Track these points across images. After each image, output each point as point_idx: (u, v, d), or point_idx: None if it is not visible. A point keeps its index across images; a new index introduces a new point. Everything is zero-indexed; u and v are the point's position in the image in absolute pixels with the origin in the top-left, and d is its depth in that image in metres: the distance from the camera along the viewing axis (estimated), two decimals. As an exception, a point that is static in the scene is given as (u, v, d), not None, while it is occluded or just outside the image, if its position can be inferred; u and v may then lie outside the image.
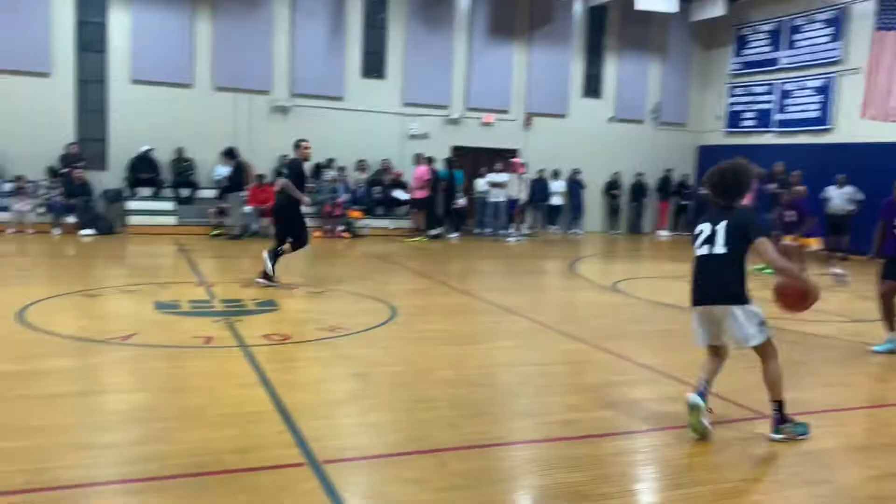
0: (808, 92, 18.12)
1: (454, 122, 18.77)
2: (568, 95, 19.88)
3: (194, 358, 5.83)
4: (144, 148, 15.74)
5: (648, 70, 20.68)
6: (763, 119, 19.37)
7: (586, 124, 19.98)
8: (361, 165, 17.48)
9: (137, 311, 7.62)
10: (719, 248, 4.35)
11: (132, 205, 15.43)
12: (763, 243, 4.30)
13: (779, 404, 4.42)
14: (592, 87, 20.33)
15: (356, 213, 16.41)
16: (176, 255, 12.21)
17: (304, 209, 9.53)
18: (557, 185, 19.31)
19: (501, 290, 10.26)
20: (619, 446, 4.33)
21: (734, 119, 20.26)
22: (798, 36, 18.34)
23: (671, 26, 20.39)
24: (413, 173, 16.97)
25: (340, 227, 16.02)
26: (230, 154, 15.57)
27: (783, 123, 18.77)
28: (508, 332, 7.48)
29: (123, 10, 15.82)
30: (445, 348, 6.54)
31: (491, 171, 17.83)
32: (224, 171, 15.85)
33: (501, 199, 17.72)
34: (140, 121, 15.87)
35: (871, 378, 6.35)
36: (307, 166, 10.77)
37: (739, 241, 4.32)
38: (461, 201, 17.75)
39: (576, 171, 19.70)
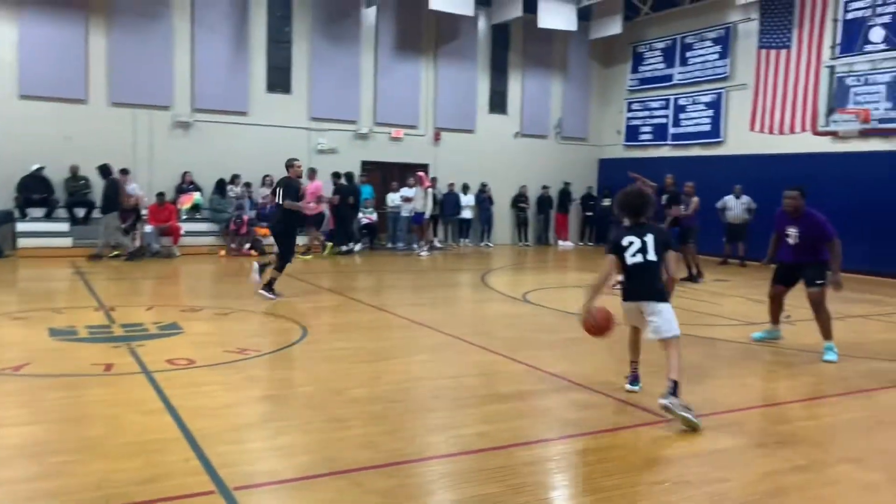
0: (700, 106, 19.08)
1: (363, 136, 18.73)
2: (475, 111, 20.20)
3: (94, 386, 5.56)
4: (35, 167, 14.92)
5: (551, 87, 21.28)
6: (659, 133, 20.25)
7: (493, 139, 20.36)
8: (268, 181, 17.14)
9: (30, 338, 7.20)
10: (651, 256, 5.31)
11: (23, 226, 14.60)
12: (672, 255, 5.47)
13: (676, 383, 5.03)
14: (498, 104, 20.74)
15: (263, 231, 16.07)
16: (72, 279, 11.62)
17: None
18: (467, 199, 19.55)
19: (414, 305, 10.28)
20: (533, 455, 4.41)
21: (632, 133, 21.10)
22: (690, 53, 19.31)
23: (572, 44, 21.08)
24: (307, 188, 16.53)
25: (247, 246, 15.66)
26: (104, 171, 14.51)
27: (678, 137, 19.68)
28: (422, 347, 7.49)
29: (9, 22, 15.01)
30: (359, 365, 6.48)
31: (403, 185, 17.89)
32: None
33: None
34: (30, 138, 15.04)
35: (763, 378, 6.70)
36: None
37: (663, 251, 5.37)
38: (372, 216, 17.72)
39: (484, 185, 20.00)
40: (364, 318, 9.01)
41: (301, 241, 16.50)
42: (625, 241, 5.37)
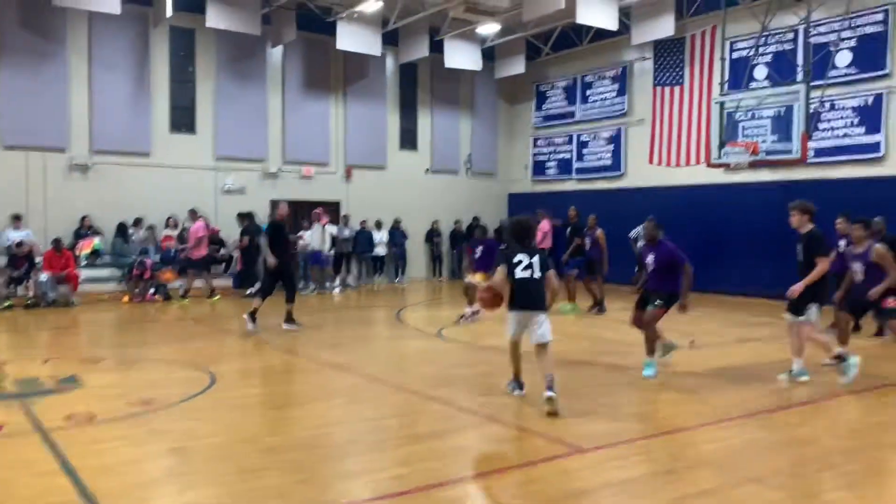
0: (601, 142, 19.83)
1: (272, 175, 18.49)
2: (386, 148, 20.32)
3: (-19, 450, 5.18)
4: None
5: (460, 123, 21.68)
6: (565, 167, 20.89)
7: (405, 175, 20.49)
8: (171, 223, 16.62)
9: None
10: (537, 273, 6.39)
11: None
12: (552, 273, 6.55)
13: (553, 377, 6.18)
14: (409, 140, 20.94)
15: (168, 275, 15.52)
16: (-43, 333, 10.86)
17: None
18: (381, 236, 19.52)
19: (328, 346, 10.12)
20: (450, 496, 4.38)
21: (539, 168, 21.68)
22: (590, 91, 20.10)
23: (478, 83, 21.59)
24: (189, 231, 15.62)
25: (151, 291, 15.05)
26: None
27: (582, 171, 20.35)
28: (337, 389, 7.37)
29: None
30: (271, 412, 6.31)
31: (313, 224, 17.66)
32: (15, 235, 14.40)
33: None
34: None
35: (669, 404, 6.91)
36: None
37: (546, 270, 6.46)
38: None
39: (398, 221, 20.04)
40: (276, 362, 8.80)
41: (225, 282, 16.12)
42: (515, 259, 6.42)
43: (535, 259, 6.42)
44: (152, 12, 16.48)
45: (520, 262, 6.39)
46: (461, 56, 19.35)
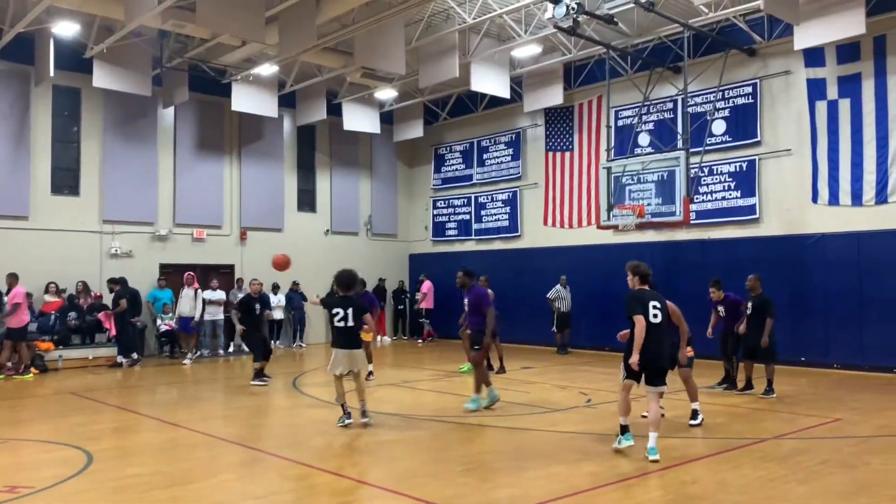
0: (498, 204, 20.29)
1: (162, 238, 17.80)
2: (283, 210, 20.01)
3: None
4: None
5: (360, 185, 21.70)
6: (464, 228, 21.21)
7: (304, 237, 20.20)
8: (52, 288, 15.64)
9: None
10: (351, 322, 8.27)
11: None
12: (368, 316, 8.37)
13: (364, 402, 8.51)
14: (307, 202, 20.73)
15: (46, 345, 14.51)
16: None
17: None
18: (277, 299, 19.02)
19: (217, 418, 9.65)
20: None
21: (439, 229, 21.91)
22: (486, 155, 20.64)
23: (377, 145, 21.79)
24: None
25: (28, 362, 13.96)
26: None
27: (480, 232, 20.71)
28: (226, 465, 6.98)
29: None
30: (154, 493, 5.88)
31: (206, 288, 17.06)
32: None
33: (219, 317, 16.99)
34: None
35: (569, 465, 6.90)
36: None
37: (360, 317, 8.29)
38: (171, 323, 16.71)
39: (296, 284, 19.62)
40: (160, 438, 8.27)
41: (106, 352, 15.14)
42: (334, 311, 8.27)
43: (350, 310, 8.21)
44: (34, 71, 15.80)
45: (336, 313, 8.23)
46: (359, 119, 19.51)
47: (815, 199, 14.23)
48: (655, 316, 6.93)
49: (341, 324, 8.27)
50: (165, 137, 18.08)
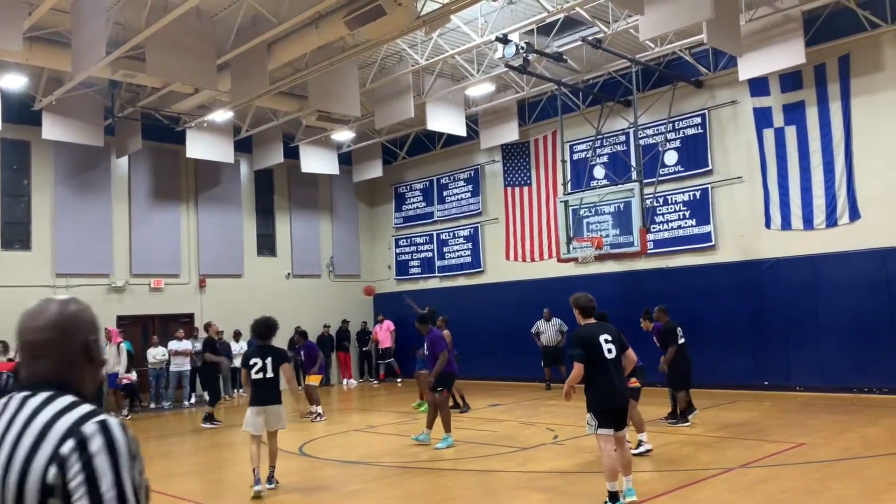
0: (460, 240, 20.33)
1: (118, 289, 17.43)
2: (242, 255, 19.77)
3: None
4: None
5: (320, 226, 21.58)
6: (427, 266, 21.17)
7: (265, 282, 19.95)
8: (2, 348, 15.13)
9: None
10: (270, 373, 7.56)
11: None
12: (287, 366, 7.71)
13: (273, 468, 7.82)
14: (267, 246, 20.54)
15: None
16: None
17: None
18: (239, 347, 18.68)
19: (175, 475, 9.35)
20: None
21: (402, 268, 21.85)
22: (446, 192, 20.72)
23: (337, 186, 21.74)
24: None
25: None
26: None
27: (443, 269, 20.69)
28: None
29: None
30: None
31: (172, 338, 16.71)
32: None
33: (185, 367, 16.62)
34: None
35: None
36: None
37: (278, 366, 7.63)
38: (131, 376, 16.28)
39: (270, 317, 19.28)
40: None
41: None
42: (251, 362, 7.62)
43: (268, 360, 7.56)
44: (-19, 124, 15.51)
45: (254, 364, 7.59)
46: (317, 161, 19.48)
47: (768, 224, 14.52)
48: (610, 351, 6.29)
49: (258, 375, 7.57)
50: (120, 187, 17.83)
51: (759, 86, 14.49)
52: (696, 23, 11.47)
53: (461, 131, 16.95)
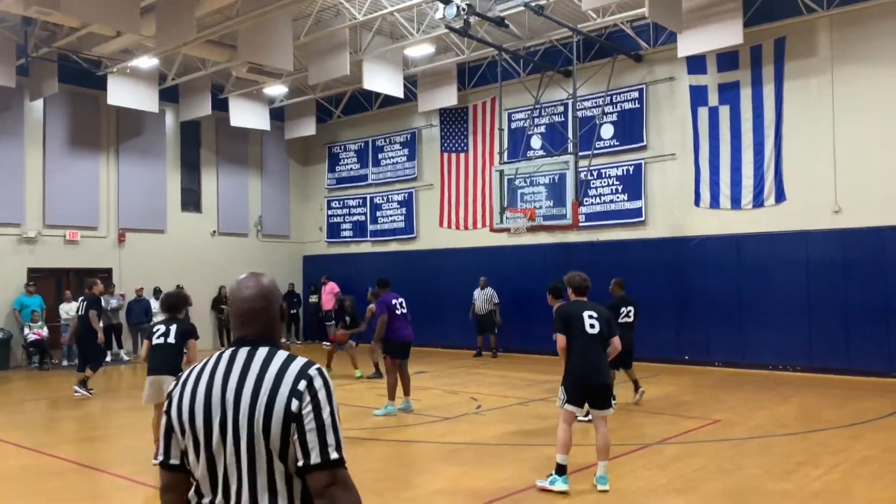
0: (394, 205, 20.00)
1: (30, 241, 16.51)
2: (166, 210, 18.98)
3: None
4: None
5: (249, 184, 20.89)
6: (359, 229, 20.79)
7: (188, 239, 19.25)
8: None
9: None
10: (172, 339, 7.14)
11: None
12: (193, 343, 7.20)
13: None
14: (192, 202, 19.78)
15: None
16: None
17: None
18: (157, 305, 18.02)
19: (87, 440, 8.90)
20: None
21: (334, 230, 21.41)
22: (381, 155, 20.29)
23: (267, 142, 21.02)
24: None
25: None
26: None
27: (376, 233, 20.36)
28: (94, 496, 6.36)
29: None
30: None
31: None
32: None
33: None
34: None
35: (456, 482, 6.71)
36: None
37: (183, 338, 7.15)
38: (42, 332, 15.53)
39: (179, 287, 18.63)
40: (13, 465, 7.50)
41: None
42: (154, 328, 7.33)
43: (173, 328, 7.17)
44: None
45: (157, 330, 7.24)
46: (248, 115, 18.73)
47: (697, 202, 14.70)
48: (592, 326, 6.19)
49: (159, 340, 7.14)
50: (33, 132, 16.77)
51: (696, 64, 14.54)
52: (638, -5, 11.35)
53: (398, 92, 16.53)
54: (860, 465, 6.84)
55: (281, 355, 2.08)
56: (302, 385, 2.00)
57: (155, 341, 7.18)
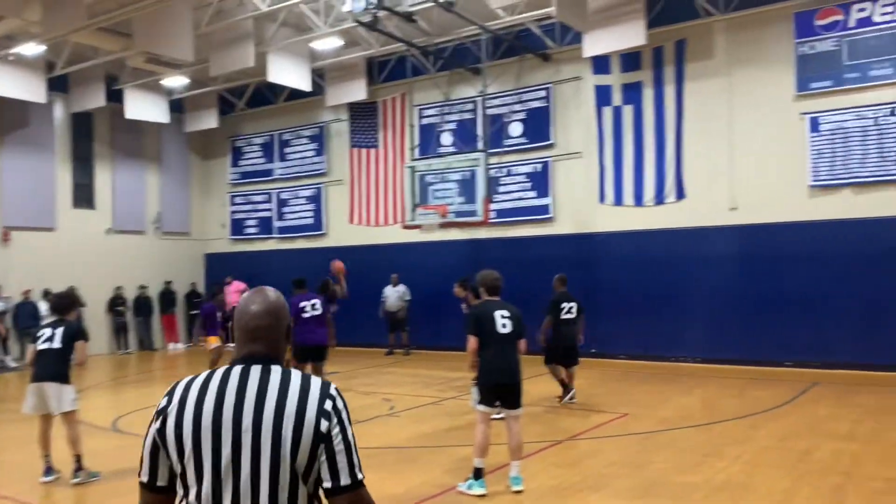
0: (302, 200, 19.54)
1: None
2: (55, 207, 17.85)
3: None
4: None
5: (146, 179, 19.95)
6: (265, 226, 20.21)
7: (81, 237, 18.19)
8: None
9: None
10: (57, 343, 6.63)
11: None
12: (80, 344, 6.75)
13: (79, 457, 6.74)
14: (85, 198, 18.70)
15: None
16: None
17: None
18: (46, 308, 16.93)
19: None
20: None
21: (238, 227, 20.73)
22: (288, 149, 19.77)
23: (166, 136, 20.12)
24: None
25: None
26: None
27: (283, 230, 19.85)
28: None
29: None
30: None
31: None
32: None
33: None
34: None
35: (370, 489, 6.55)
36: None
37: (70, 341, 6.68)
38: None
39: (72, 289, 17.58)
40: None
41: None
42: (39, 333, 6.80)
43: (59, 330, 6.69)
44: None
45: (42, 335, 6.74)
46: (145, 107, 17.85)
47: (602, 199, 15.04)
48: (504, 326, 6.17)
49: (44, 346, 6.65)
50: None
51: (601, 64, 14.85)
52: (547, -5, 11.46)
53: (306, 86, 16.12)
54: (760, 455, 7.13)
55: (296, 374, 2.05)
56: (328, 405, 2.00)
57: (40, 346, 6.68)
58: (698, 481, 6.32)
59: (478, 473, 6.08)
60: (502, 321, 6.21)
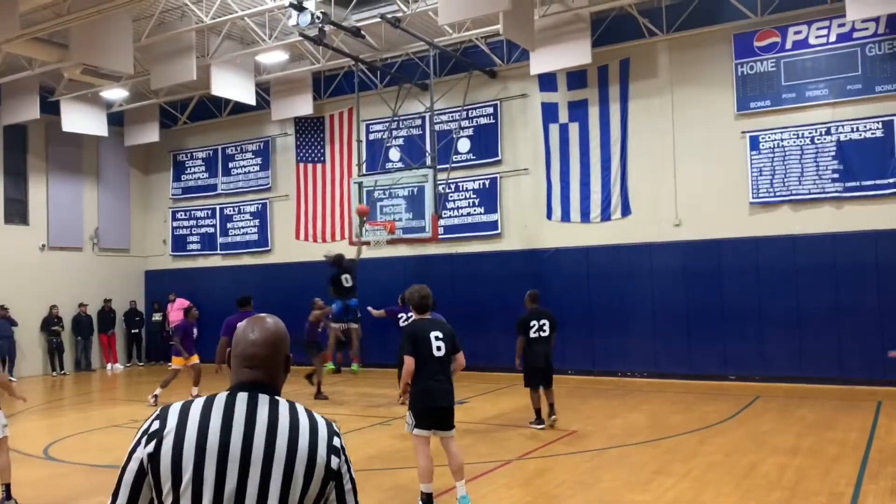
0: (246, 216, 19.15)
1: None
2: (-15, 222, 17.11)
3: None
4: None
5: (84, 194, 19.30)
6: (208, 242, 19.74)
7: (13, 254, 17.47)
8: None
9: None
10: None
11: None
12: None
13: (8, 486, 6.41)
14: (17, 213, 17.99)
15: None
16: None
17: None
18: (-21, 329, 16.21)
19: None
20: None
21: (180, 243, 20.20)
22: (232, 164, 19.38)
23: (105, 149, 19.54)
24: None
25: None
26: None
27: (227, 246, 19.41)
28: None
29: None
30: None
31: None
32: None
33: None
34: None
35: None
36: None
37: None
38: None
39: (4, 308, 16.86)
40: None
41: None
42: None
43: None
44: None
45: None
46: (82, 120, 17.26)
47: (549, 215, 15.13)
48: (439, 349, 5.96)
49: None
50: None
51: (547, 81, 14.98)
52: (493, 12, 11.52)
53: (250, 100, 15.84)
54: (708, 471, 7.17)
55: (301, 408, 2.03)
56: (336, 442, 2.01)
57: None
58: (648, 500, 6.31)
59: (428, 499, 5.93)
60: (437, 343, 6.00)
